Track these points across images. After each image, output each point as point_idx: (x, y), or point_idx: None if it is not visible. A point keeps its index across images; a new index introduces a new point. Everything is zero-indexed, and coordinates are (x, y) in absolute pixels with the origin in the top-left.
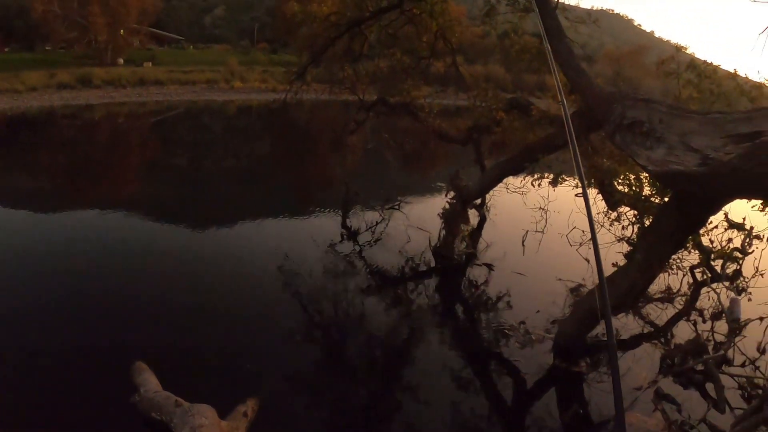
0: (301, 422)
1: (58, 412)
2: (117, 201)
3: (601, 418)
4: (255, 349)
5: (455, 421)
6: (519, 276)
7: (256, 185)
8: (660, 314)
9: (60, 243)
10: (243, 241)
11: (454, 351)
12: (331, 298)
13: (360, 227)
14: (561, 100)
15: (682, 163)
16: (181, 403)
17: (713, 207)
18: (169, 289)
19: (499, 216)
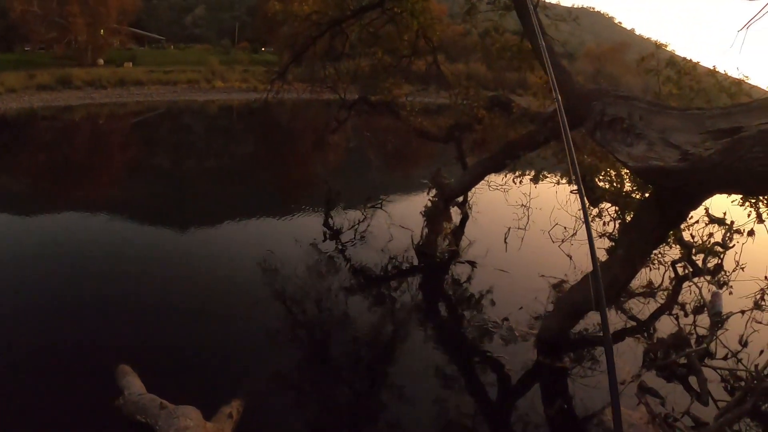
0: (286, 422)
1: (42, 416)
2: (98, 203)
3: (586, 413)
4: (239, 350)
5: (440, 418)
6: (502, 273)
7: (238, 185)
8: (642, 309)
9: (41, 246)
10: (225, 242)
11: (438, 349)
12: (315, 298)
13: (342, 226)
14: (556, 96)
15: (662, 159)
16: (166, 405)
17: (694, 202)
18: (151, 291)
19: (481, 213)
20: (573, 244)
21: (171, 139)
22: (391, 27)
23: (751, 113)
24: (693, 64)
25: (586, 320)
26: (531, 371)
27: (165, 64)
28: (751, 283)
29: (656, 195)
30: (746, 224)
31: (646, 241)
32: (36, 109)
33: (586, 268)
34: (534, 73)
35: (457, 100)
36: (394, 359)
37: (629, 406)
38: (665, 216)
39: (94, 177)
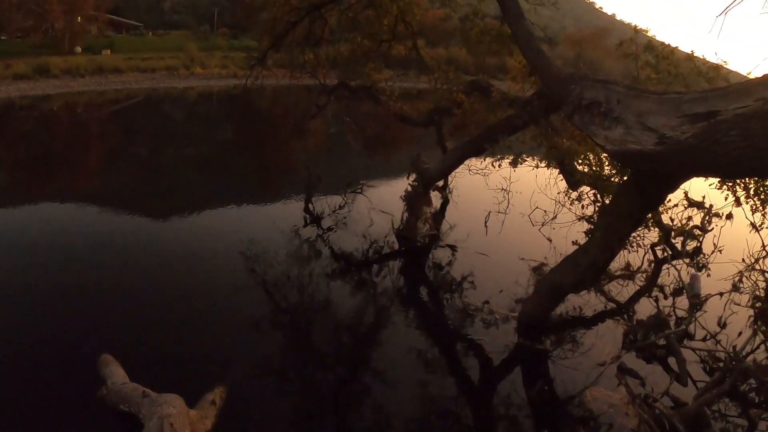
0: (269, 408)
1: (24, 407)
2: (77, 193)
3: (566, 393)
4: (221, 337)
5: (422, 401)
6: (482, 256)
7: (218, 173)
8: (621, 291)
9: (20, 237)
10: (206, 230)
11: (419, 332)
12: (296, 284)
13: (323, 211)
14: None
15: (640, 143)
16: (149, 393)
17: (671, 185)
18: (132, 280)
19: (461, 198)
20: (554, 227)
21: (150, 127)
22: (371, 11)
23: (728, 98)
24: (671, 49)
25: (566, 303)
26: (512, 353)
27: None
28: (730, 265)
29: (634, 178)
30: (724, 208)
31: (624, 224)
32: (13, 99)
33: (565, 251)
34: (513, 58)
35: (437, 85)
36: (376, 343)
37: (609, 387)
38: (643, 199)
39: (73, 167)
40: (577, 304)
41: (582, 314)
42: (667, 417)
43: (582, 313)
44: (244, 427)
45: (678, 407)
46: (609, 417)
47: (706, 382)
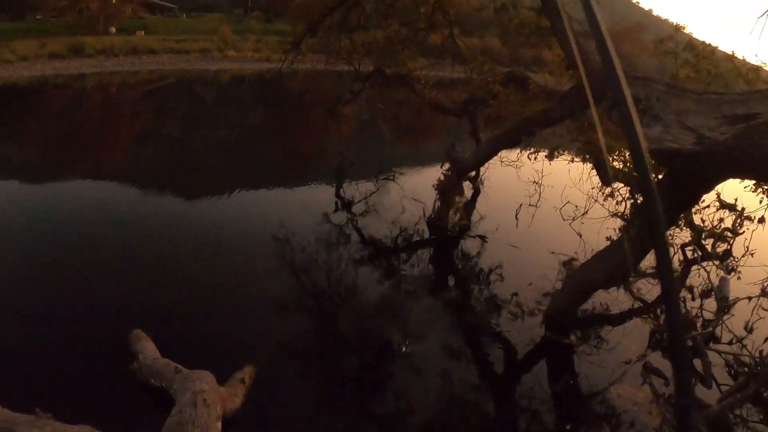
0: (295, 389)
1: (57, 381)
2: (110, 171)
3: (590, 389)
4: (250, 318)
5: (445, 389)
6: (512, 249)
7: (250, 155)
8: (650, 290)
9: (54, 213)
10: (237, 211)
11: (446, 321)
12: (325, 268)
13: (354, 197)
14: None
15: (678, 141)
16: (181, 369)
17: (706, 186)
18: (164, 259)
19: (493, 189)
20: (584, 222)
21: (182, 108)
22: None
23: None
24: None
25: (594, 299)
26: (538, 347)
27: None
28: (759, 269)
29: (670, 177)
30: (757, 211)
31: None
32: (47, 77)
33: (596, 247)
34: (551, 51)
35: (473, 75)
36: (403, 330)
37: (634, 385)
38: (678, 198)
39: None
40: (605, 301)
41: (609, 311)
42: None
43: (609, 311)
44: (270, 407)
45: (702, 410)
46: (632, 415)
47: (730, 386)
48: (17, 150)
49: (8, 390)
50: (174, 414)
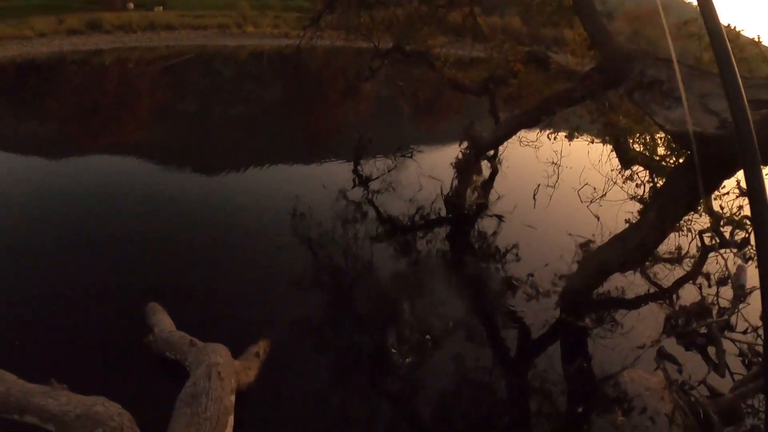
0: (309, 364)
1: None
2: (128, 147)
3: (603, 373)
4: (265, 292)
5: (458, 368)
6: (529, 229)
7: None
8: (667, 275)
9: (72, 187)
10: (253, 186)
11: (460, 300)
12: (341, 244)
13: (371, 174)
14: None
15: (700, 125)
16: (196, 342)
17: (728, 171)
18: (180, 233)
19: (511, 169)
20: (602, 205)
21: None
22: None
23: None
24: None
25: (610, 282)
26: (552, 328)
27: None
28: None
29: (691, 161)
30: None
31: (677, 206)
32: (65, 53)
33: (614, 229)
34: (573, 30)
35: (493, 54)
36: (416, 308)
37: (647, 370)
38: (698, 183)
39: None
40: (621, 285)
41: (625, 295)
42: (702, 405)
43: (625, 294)
44: (283, 381)
45: (713, 397)
46: (644, 400)
47: (743, 376)
48: (37, 125)
49: (24, 361)
50: (188, 386)
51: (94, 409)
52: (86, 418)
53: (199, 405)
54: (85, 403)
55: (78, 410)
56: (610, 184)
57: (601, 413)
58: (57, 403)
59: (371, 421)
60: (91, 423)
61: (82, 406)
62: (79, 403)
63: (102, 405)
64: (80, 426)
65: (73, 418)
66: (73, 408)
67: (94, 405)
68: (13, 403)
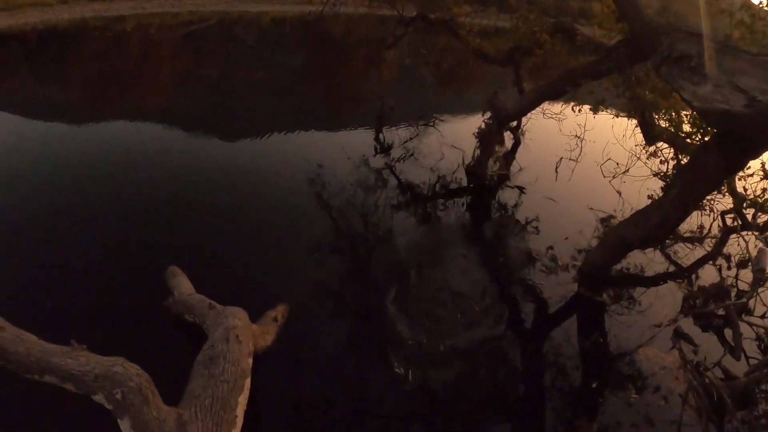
0: (327, 329)
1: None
2: (150, 112)
3: (619, 349)
4: (285, 258)
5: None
6: (550, 202)
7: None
8: (687, 255)
9: (91, 152)
10: (275, 153)
11: (478, 270)
12: (361, 211)
13: (393, 142)
14: None
15: (728, 103)
16: (215, 305)
17: (754, 152)
18: (201, 198)
19: (533, 141)
20: (624, 181)
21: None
22: None
23: None
24: None
25: (629, 259)
26: (570, 302)
27: None
28: None
29: (718, 139)
30: None
31: (701, 184)
32: (87, 20)
33: (636, 206)
34: (601, 2)
35: (519, 24)
36: (434, 277)
37: (662, 349)
38: (724, 162)
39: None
40: (639, 262)
41: (643, 272)
42: (716, 387)
43: (643, 272)
44: (301, 346)
45: (728, 380)
46: (659, 379)
47: (759, 360)
48: (60, 91)
49: (45, 322)
50: (206, 348)
51: (113, 370)
52: (105, 379)
53: (217, 367)
54: (104, 364)
55: (97, 370)
56: (634, 159)
57: (614, 390)
58: (76, 363)
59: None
60: (110, 383)
61: (101, 367)
62: (98, 364)
63: (121, 366)
64: (99, 386)
65: (92, 379)
66: (93, 368)
67: (113, 366)
68: (33, 364)
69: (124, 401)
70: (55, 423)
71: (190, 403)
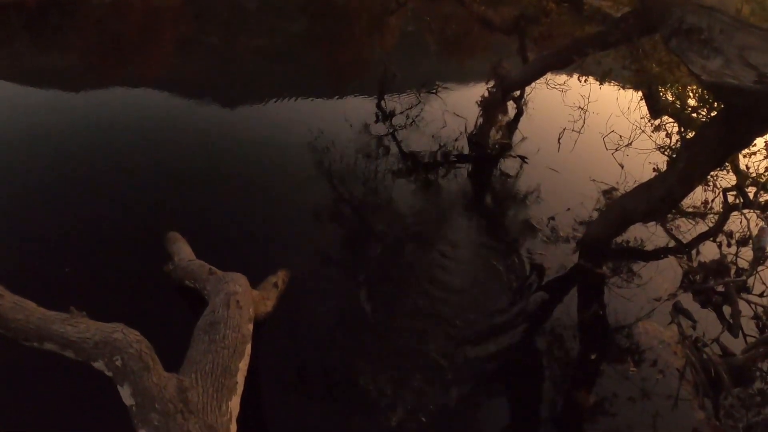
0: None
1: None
2: (150, 78)
3: (617, 322)
4: (285, 224)
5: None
6: (552, 172)
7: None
8: (688, 230)
9: (92, 119)
10: (275, 119)
11: (479, 239)
12: (361, 178)
13: (395, 109)
14: None
15: (738, 78)
16: (215, 271)
17: (762, 129)
18: (202, 164)
19: (536, 111)
20: (627, 154)
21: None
22: None
23: None
24: None
25: (629, 232)
26: (569, 273)
27: None
28: None
29: (725, 113)
30: None
31: (707, 159)
32: None
33: (639, 178)
34: None
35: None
36: (434, 245)
37: (662, 324)
38: (730, 137)
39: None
40: (640, 236)
41: (644, 246)
42: (714, 364)
43: (644, 246)
44: (301, 313)
45: (726, 357)
46: (657, 353)
47: (756, 338)
48: (58, 58)
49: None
50: (207, 314)
51: (113, 336)
52: (105, 345)
53: (218, 333)
54: (104, 330)
55: (97, 337)
56: (637, 133)
57: (612, 362)
58: (76, 330)
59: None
60: (110, 350)
61: (100, 333)
62: (98, 330)
63: (121, 332)
64: (99, 353)
65: (92, 345)
66: (92, 335)
67: (113, 332)
68: (32, 331)
69: (124, 368)
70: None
71: (190, 369)
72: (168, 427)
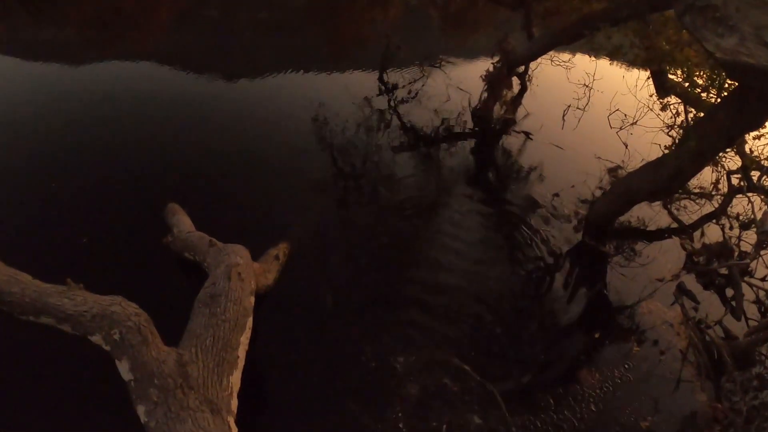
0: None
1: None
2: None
3: (620, 301)
4: (286, 197)
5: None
6: (556, 149)
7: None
8: (692, 212)
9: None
10: (276, 92)
11: (482, 215)
12: (363, 152)
13: (398, 83)
14: None
15: (753, 57)
16: (215, 243)
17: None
18: (202, 136)
19: (540, 87)
20: (632, 133)
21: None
22: None
23: None
24: None
25: (633, 211)
26: (573, 250)
27: None
28: None
29: (738, 93)
30: None
31: (719, 138)
32: None
33: (644, 157)
34: None
35: None
36: (436, 220)
37: (665, 304)
38: (742, 117)
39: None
40: (644, 216)
41: (647, 227)
42: (716, 346)
43: (647, 226)
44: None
45: (728, 340)
46: (659, 333)
47: (758, 322)
48: (56, 31)
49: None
50: (207, 286)
51: (111, 309)
52: (102, 318)
53: (218, 306)
54: (101, 303)
55: (94, 310)
56: (642, 112)
57: (615, 341)
58: (73, 303)
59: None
60: (108, 323)
61: (98, 306)
62: (95, 303)
63: (119, 305)
64: (96, 326)
65: (90, 319)
66: (90, 308)
67: (111, 305)
68: (28, 304)
69: (122, 342)
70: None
71: (190, 342)
72: (167, 402)
